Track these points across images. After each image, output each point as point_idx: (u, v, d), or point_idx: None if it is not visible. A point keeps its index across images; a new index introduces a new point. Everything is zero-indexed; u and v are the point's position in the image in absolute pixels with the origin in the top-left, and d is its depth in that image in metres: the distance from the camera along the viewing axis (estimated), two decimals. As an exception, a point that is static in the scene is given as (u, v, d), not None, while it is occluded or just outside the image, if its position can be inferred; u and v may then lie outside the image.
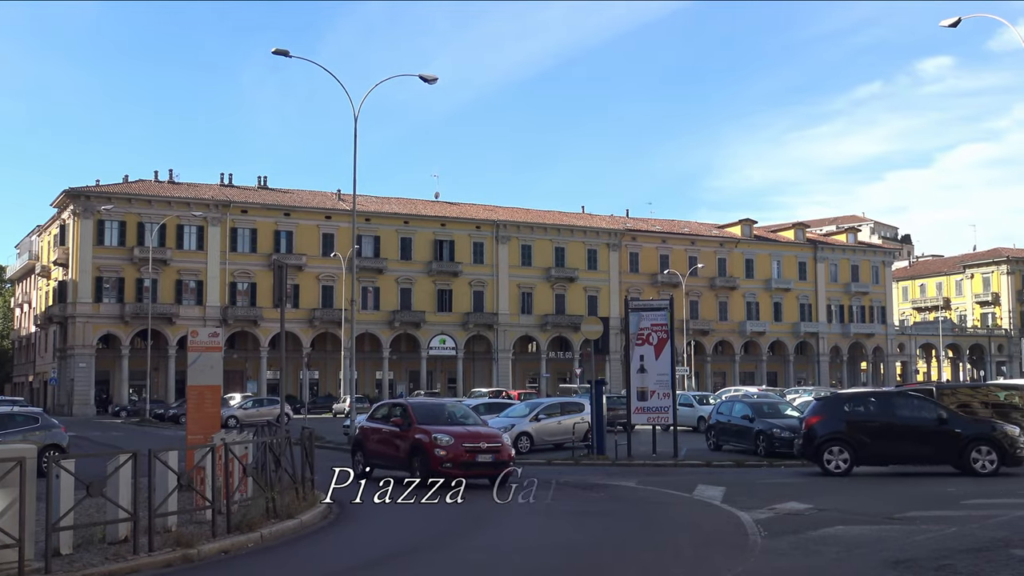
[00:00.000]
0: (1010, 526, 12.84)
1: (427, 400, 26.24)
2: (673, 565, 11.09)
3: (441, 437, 18.60)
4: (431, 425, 19.27)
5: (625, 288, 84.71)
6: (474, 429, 19.64)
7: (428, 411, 20.90)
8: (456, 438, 18.70)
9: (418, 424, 19.34)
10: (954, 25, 29.80)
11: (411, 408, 20.43)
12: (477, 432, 19.42)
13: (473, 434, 19.17)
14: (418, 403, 22.04)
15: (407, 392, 75.98)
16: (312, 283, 76.89)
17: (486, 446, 18.83)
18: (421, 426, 19.21)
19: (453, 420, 20.33)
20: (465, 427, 19.67)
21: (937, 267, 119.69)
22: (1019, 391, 26.93)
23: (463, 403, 25.82)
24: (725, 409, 30.68)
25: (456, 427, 19.50)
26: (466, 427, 19.68)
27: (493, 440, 19.18)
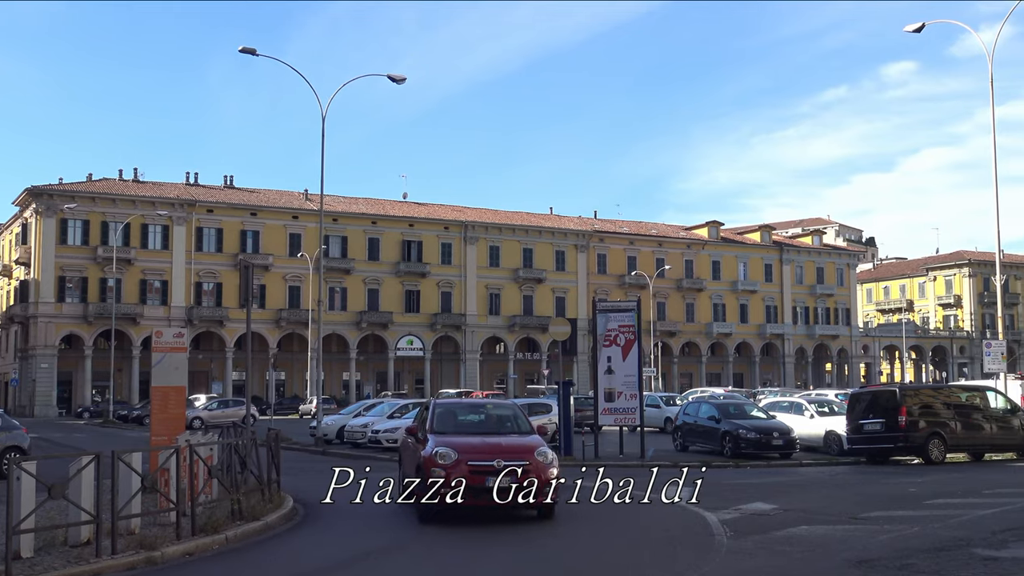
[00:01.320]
0: (971, 525, 13.01)
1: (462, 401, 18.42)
2: (640, 565, 11.12)
3: (443, 451, 13.83)
4: (448, 436, 14.57)
5: (593, 289, 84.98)
6: (493, 441, 14.57)
7: (455, 414, 15.99)
8: (462, 452, 13.76)
9: (433, 431, 14.89)
10: (918, 30, 30.18)
11: (433, 410, 15.93)
12: (496, 445, 14.30)
13: (489, 447, 14.12)
14: (449, 404, 16.86)
15: (374, 393, 75.64)
16: (279, 283, 76.42)
17: (503, 464, 13.57)
18: (434, 435, 14.70)
19: (484, 427, 15.68)
20: (484, 438, 14.76)
21: (901, 270, 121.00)
22: (980, 392, 27.34)
23: (512, 402, 19.18)
24: (691, 410, 30.84)
25: (473, 438, 14.66)
26: (485, 438, 14.73)
27: (518, 455, 13.88)
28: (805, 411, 30.13)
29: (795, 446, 26.93)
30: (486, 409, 16.70)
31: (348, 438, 32.95)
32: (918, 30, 30.20)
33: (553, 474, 13.96)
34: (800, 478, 21.81)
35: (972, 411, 25.73)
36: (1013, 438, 25.82)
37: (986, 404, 26.13)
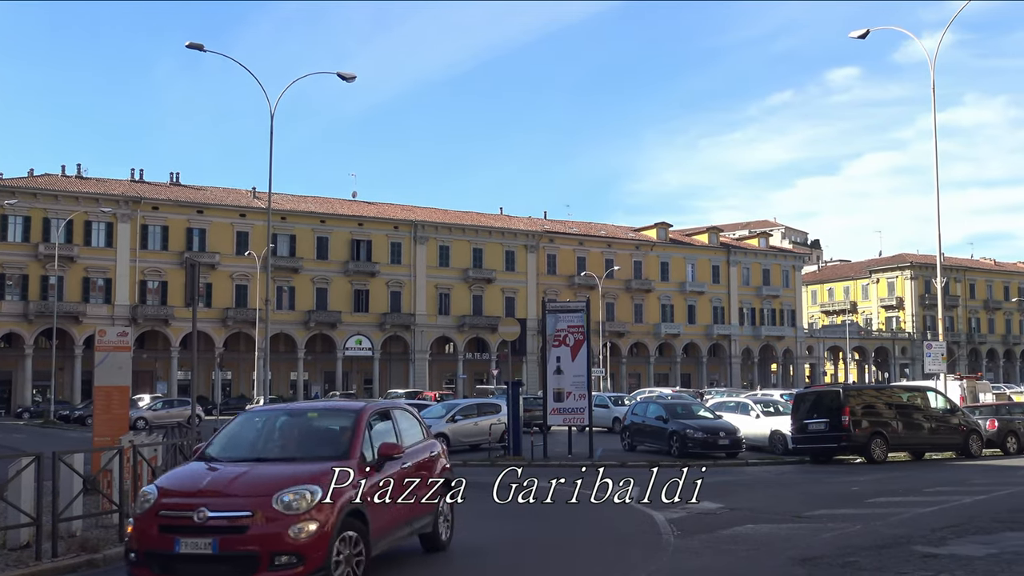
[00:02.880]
0: (912, 523, 13.26)
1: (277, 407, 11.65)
2: (588, 564, 11.17)
3: (146, 491, 9.27)
4: (217, 462, 9.75)
5: (542, 290, 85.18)
6: (246, 473, 9.18)
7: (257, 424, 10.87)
8: (165, 493, 9.02)
9: (202, 456, 10.15)
10: (863, 37, 30.71)
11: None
12: (233, 480, 9.08)
13: (213, 486, 9.02)
14: (260, 411, 11.41)
15: (322, 393, 75.15)
16: (225, 282, 75.54)
17: (206, 517, 8.52)
18: (199, 460, 10.04)
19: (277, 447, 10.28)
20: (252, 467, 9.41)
21: (845, 272, 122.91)
22: (921, 393, 27.88)
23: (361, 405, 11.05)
24: (640, 410, 31.03)
25: (236, 466, 9.45)
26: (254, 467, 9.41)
27: (244, 498, 8.70)
28: (751, 411, 30.48)
29: (741, 446, 27.24)
30: (303, 419, 10.87)
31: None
32: (863, 36, 30.73)
33: (303, 534, 8.38)
34: (746, 477, 22.07)
35: (913, 411, 26.21)
36: (952, 437, 26.35)
37: (927, 404, 26.64)
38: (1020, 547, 11.13)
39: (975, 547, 11.20)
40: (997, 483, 18.90)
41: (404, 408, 11.82)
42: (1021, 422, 29.03)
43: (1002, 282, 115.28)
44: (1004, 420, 28.60)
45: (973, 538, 11.85)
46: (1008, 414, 29.60)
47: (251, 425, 10.76)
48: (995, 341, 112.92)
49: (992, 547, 11.14)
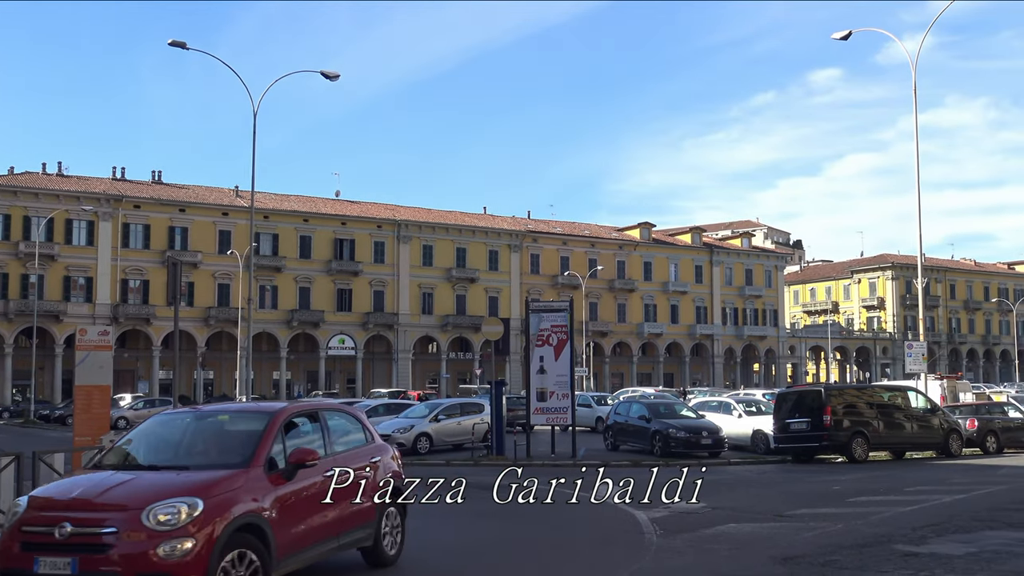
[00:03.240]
0: (892, 522, 13.34)
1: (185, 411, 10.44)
2: (571, 564, 11.19)
3: (18, 503, 8.62)
4: (114, 471, 8.84)
5: (526, 289, 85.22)
6: (126, 483, 8.29)
7: (161, 428, 9.90)
8: (35, 506, 8.22)
9: (99, 464, 9.40)
10: (845, 38, 30.88)
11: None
12: (107, 489, 8.15)
13: (82, 498, 8.05)
14: (171, 415, 10.35)
15: (305, 393, 74.94)
16: (208, 281, 75.19)
17: (68, 533, 7.67)
18: (97, 469, 9.23)
19: (180, 453, 9.27)
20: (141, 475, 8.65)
21: (826, 272, 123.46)
22: (902, 392, 28.05)
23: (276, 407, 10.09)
24: (622, 410, 31.08)
25: (124, 473, 8.69)
26: (141, 475, 8.63)
27: (112, 511, 7.81)
28: (733, 411, 30.58)
29: (724, 445, 27.32)
30: (213, 423, 9.88)
31: (278, 438, 32.54)
32: (845, 38, 30.90)
33: (176, 552, 7.49)
34: (728, 477, 22.14)
35: (894, 410, 26.36)
36: (933, 437, 26.51)
37: (907, 404, 26.80)
38: (999, 546, 11.22)
39: (955, 546, 11.27)
40: (977, 482, 19.04)
41: (341, 410, 11.05)
42: (1000, 422, 29.27)
43: (982, 283, 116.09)
44: (984, 420, 28.81)
45: (953, 537, 11.93)
46: (988, 414, 29.81)
47: (156, 429, 9.77)
48: (975, 341, 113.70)
49: (972, 546, 11.22)
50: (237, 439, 9.22)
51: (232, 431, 9.56)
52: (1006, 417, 29.95)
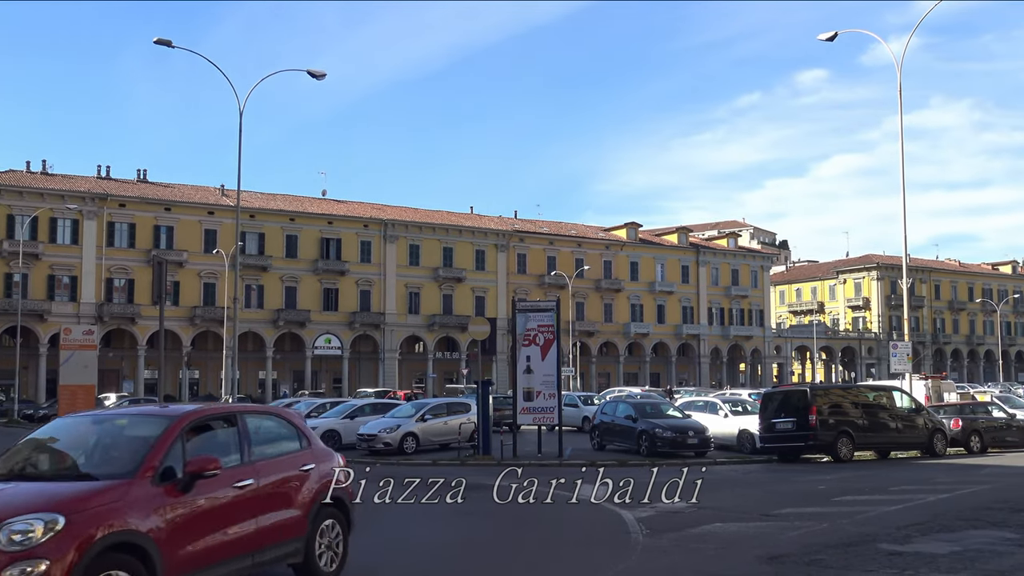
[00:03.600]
0: (877, 521, 13.39)
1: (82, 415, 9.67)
2: (557, 563, 11.19)
3: None
4: None
5: (512, 289, 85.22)
6: None
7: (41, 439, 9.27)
8: None
9: None
10: (831, 39, 30.99)
11: None
12: None
13: None
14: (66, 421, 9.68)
15: (291, 392, 74.67)
16: (193, 280, 74.90)
17: None
18: None
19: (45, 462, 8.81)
20: None
21: (812, 272, 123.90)
22: (887, 392, 28.17)
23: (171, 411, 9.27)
24: (609, 409, 31.11)
25: None
26: None
27: None
28: (719, 410, 30.64)
29: (710, 445, 27.37)
30: (110, 427, 9.05)
31: (264, 438, 32.46)
32: (831, 39, 31.01)
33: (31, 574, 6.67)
34: (714, 476, 22.17)
35: (879, 410, 26.47)
36: (918, 436, 26.62)
37: (892, 404, 26.91)
38: (983, 545, 11.27)
39: (939, 545, 11.33)
40: (961, 482, 19.13)
41: (271, 412, 10.29)
42: (984, 421, 29.44)
43: (966, 283, 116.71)
44: (968, 419, 28.96)
45: (937, 536, 11.99)
46: (972, 413, 29.97)
47: (54, 433, 9.11)
48: (959, 341, 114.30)
49: (956, 545, 11.28)
50: (129, 446, 8.32)
51: (127, 437, 8.63)
52: (990, 417, 30.13)
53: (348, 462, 10.84)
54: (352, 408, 32.53)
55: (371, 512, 15.93)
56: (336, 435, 30.03)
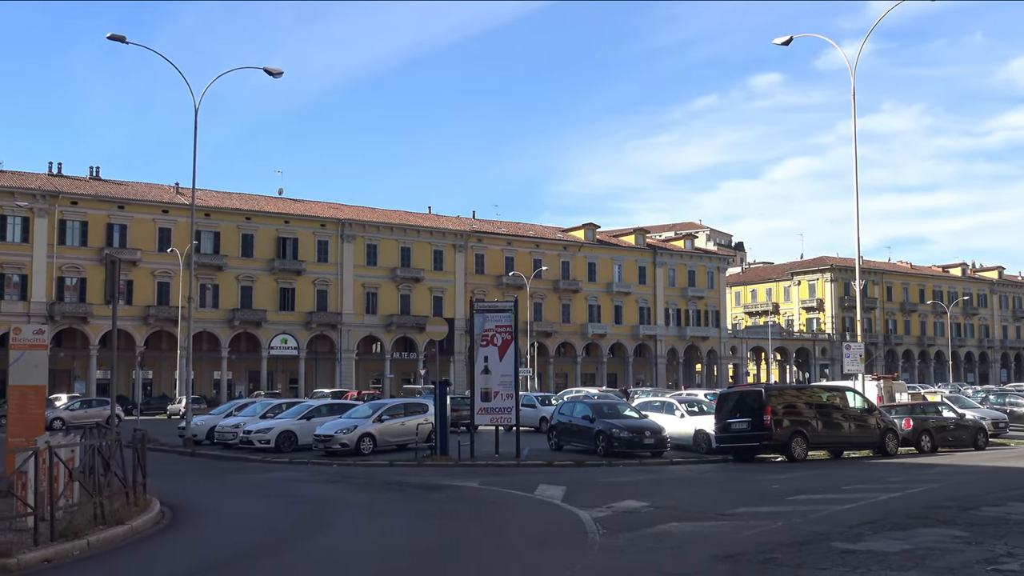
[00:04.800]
0: (830, 520, 13.56)
1: None
2: (514, 564, 11.20)
3: None
4: None
5: (470, 289, 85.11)
6: None
7: None
8: None
9: None
10: (786, 43, 31.30)
11: None
12: None
13: None
14: None
15: (246, 393, 73.99)
16: (147, 279, 73.92)
17: None
18: None
19: None
20: None
21: (767, 274, 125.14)
22: (840, 392, 28.53)
23: None
24: (566, 410, 31.16)
25: None
26: None
27: None
28: (676, 411, 30.82)
29: (666, 445, 27.51)
30: None
31: (219, 439, 32.27)
32: (786, 43, 31.32)
33: None
34: (670, 476, 22.33)
35: (832, 410, 26.80)
36: (870, 436, 26.99)
37: (845, 404, 27.26)
38: (934, 543, 11.46)
39: (891, 543, 11.49)
40: (912, 480, 19.42)
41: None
42: (935, 421, 29.92)
43: (918, 285, 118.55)
44: (919, 419, 29.43)
45: (889, 534, 12.16)
46: (922, 414, 30.44)
47: None
48: (911, 342, 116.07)
49: (907, 543, 11.45)
50: None
51: None
52: (940, 417, 30.62)
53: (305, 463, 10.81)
54: (309, 409, 32.27)
55: (330, 512, 15.85)
56: (292, 436, 29.83)
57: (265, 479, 22.40)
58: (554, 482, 19.75)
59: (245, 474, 23.85)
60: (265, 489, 20.08)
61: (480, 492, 18.72)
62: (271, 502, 17.73)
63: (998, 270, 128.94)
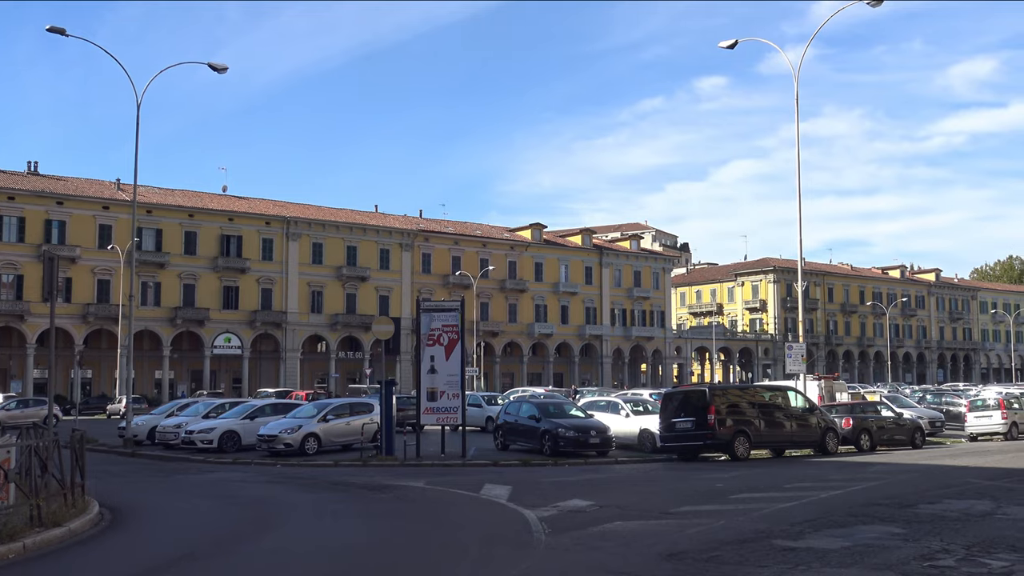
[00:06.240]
0: (771, 518, 13.73)
1: None
2: (459, 564, 11.18)
3: None
4: None
5: (417, 289, 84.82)
6: None
7: None
8: None
9: None
10: (731, 47, 31.68)
11: None
12: None
13: None
14: None
15: (189, 392, 73.00)
16: (87, 276, 72.57)
17: None
18: None
19: None
20: None
21: (712, 275, 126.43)
22: (782, 392, 28.92)
23: None
24: (512, 409, 31.19)
25: None
26: None
27: None
28: (621, 410, 31.02)
29: (612, 444, 27.66)
30: None
31: (160, 439, 31.83)
32: (731, 47, 31.69)
33: None
34: (616, 475, 22.47)
35: (775, 410, 27.15)
36: (811, 435, 27.39)
37: (787, 403, 27.63)
38: (872, 540, 11.66)
39: (831, 540, 11.67)
40: (851, 479, 19.74)
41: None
42: (874, 420, 30.47)
43: (858, 286, 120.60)
44: (858, 419, 29.94)
45: (829, 531, 12.35)
46: (862, 413, 30.96)
47: None
48: (851, 343, 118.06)
49: (846, 540, 11.64)
50: None
51: None
52: (879, 416, 31.19)
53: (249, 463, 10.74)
54: (252, 409, 31.93)
55: (274, 513, 15.70)
56: (236, 436, 29.50)
57: (207, 480, 22.13)
58: (500, 482, 19.76)
59: (187, 475, 23.53)
60: (208, 490, 19.83)
61: (426, 492, 18.67)
62: (214, 503, 17.51)
63: (935, 272, 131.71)
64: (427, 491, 18.78)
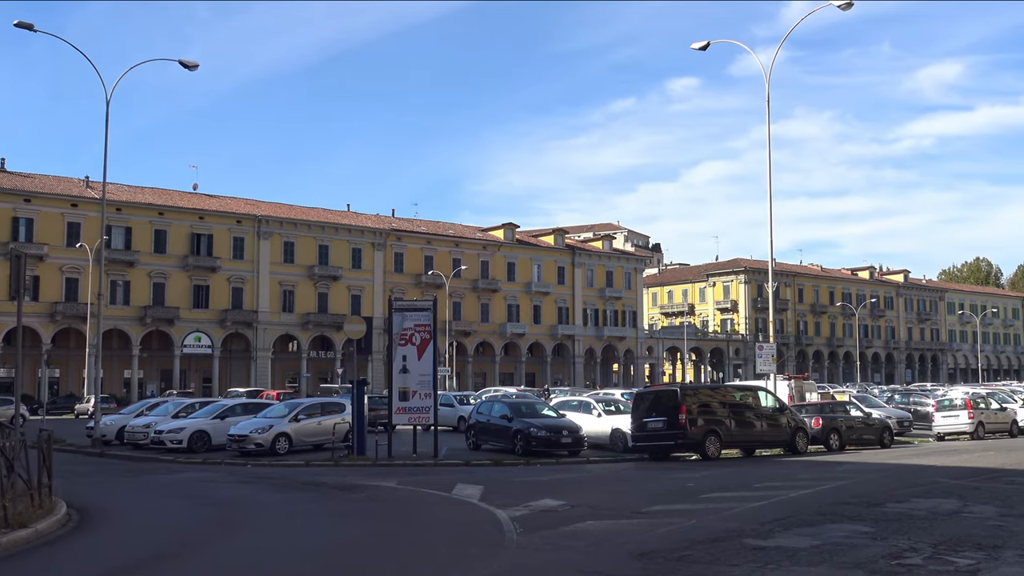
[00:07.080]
0: (741, 517, 13.81)
1: None
2: (430, 563, 11.16)
3: None
4: None
5: (389, 288, 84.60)
6: None
7: None
8: None
9: None
10: (703, 48, 31.86)
11: None
12: None
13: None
14: None
15: (158, 392, 72.35)
16: (54, 275, 71.79)
17: None
18: None
19: None
20: None
21: (684, 275, 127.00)
22: (752, 392, 29.10)
23: None
24: (485, 409, 31.18)
25: None
26: None
27: None
28: (593, 410, 31.08)
29: (583, 444, 27.71)
30: None
31: (129, 439, 31.54)
32: (703, 48, 31.88)
33: None
34: (587, 475, 22.51)
35: (745, 410, 27.32)
36: (781, 435, 27.58)
37: (758, 403, 27.81)
38: (841, 538, 11.75)
39: (800, 539, 11.76)
40: (821, 478, 19.89)
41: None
42: (843, 420, 30.72)
43: (827, 287, 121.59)
44: (828, 418, 30.19)
45: (798, 530, 12.43)
46: (831, 413, 31.22)
47: None
48: (821, 343, 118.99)
49: (815, 539, 11.72)
50: None
51: None
52: (848, 416, 31.45)
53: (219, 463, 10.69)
54: (222, 408, 31.71)
55: (245, 513, 15.61)
56: (206, 436, 29.29)
57: (177, 480, 21.96)
58: (472, 481, 19.75)
59: (156, 475, 23.34)
60: (177, 490, 19.68)
61: (397, 492, 18.63)
62: (183, 503, 17.39)
63: (904, 274, 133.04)
64: (399, 491, 18.73)
